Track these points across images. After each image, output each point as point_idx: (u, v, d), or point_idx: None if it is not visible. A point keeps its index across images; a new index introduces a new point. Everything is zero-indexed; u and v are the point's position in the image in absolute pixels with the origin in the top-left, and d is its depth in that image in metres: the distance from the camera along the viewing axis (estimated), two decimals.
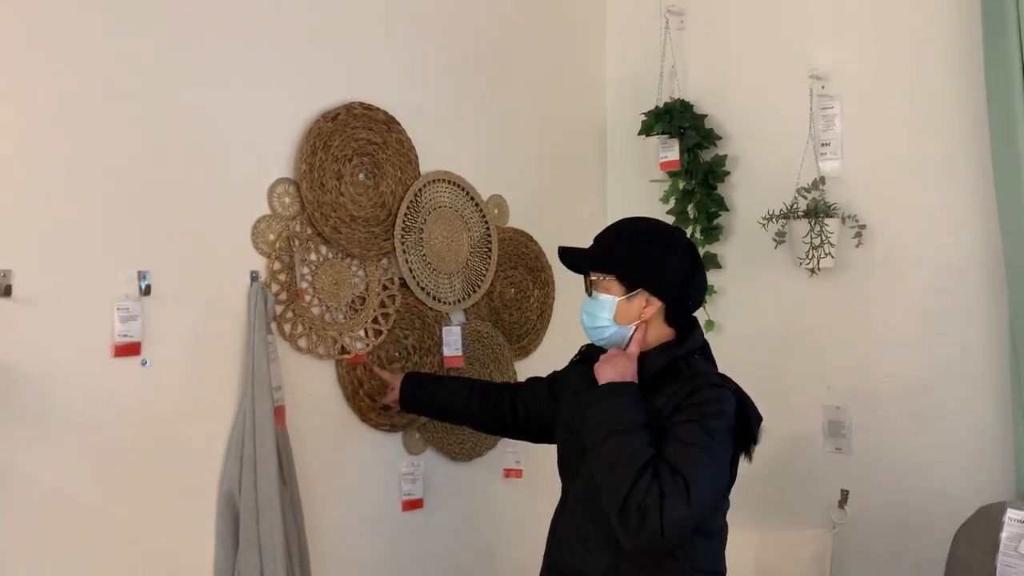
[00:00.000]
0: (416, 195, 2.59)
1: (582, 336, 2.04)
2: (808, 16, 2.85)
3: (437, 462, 2.67)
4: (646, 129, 3.03)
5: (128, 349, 2.05)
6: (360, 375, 2.48)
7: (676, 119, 2.96)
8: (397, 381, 2.44)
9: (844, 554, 2.69)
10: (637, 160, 3.13)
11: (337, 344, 2.43)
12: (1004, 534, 2.22)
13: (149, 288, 2.09)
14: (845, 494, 2.70)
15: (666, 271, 1.93)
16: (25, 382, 1.91)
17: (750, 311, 2.97)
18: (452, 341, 2.66)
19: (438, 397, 2.41)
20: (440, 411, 2.45)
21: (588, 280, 1.99)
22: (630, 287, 1.93)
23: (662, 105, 3.02)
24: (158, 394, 2.10)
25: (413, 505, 2.60)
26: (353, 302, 2.48)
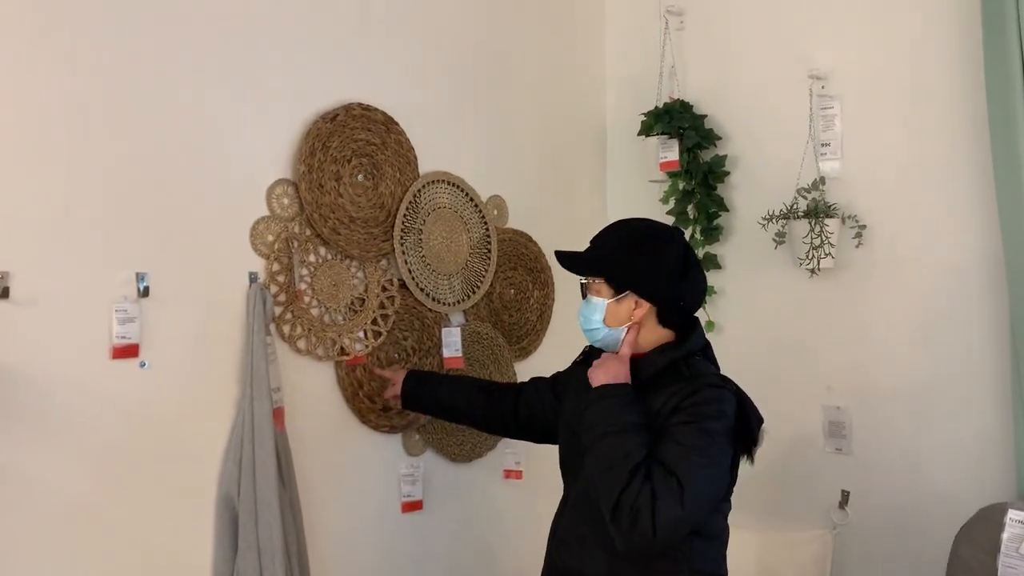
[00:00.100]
0: (415, 196, 2.58)
1: (582, 337, 2.03)
2: (808, 16, 2.85)
3: (437, 463, 2.67)
4: (646, 129, 3.02)
5: (126, 351, 2.04)
6: (359, 376, 2.48)
7: (676, 119, 2.96)
8: (399, 377, 2.43)
9: (845, 555, 2.69)
10: (637, 160, 3.12)
11: (336, 345, 2.42)
12: (1005, 535, 2.21)
13: (147, 290, 2.08)
14: (846, 495, 2.70)
15: (655, 273, 1.91)
16: (24, 383, 1.91)
17: (750, 311, 2.96)
18: (452, 342, 2.65)
19: (440, 395, 2.39)
20: (442, 409, 2.43)
21: (582, 282, 2.00)
22: (618, 289, 1.92)
23: (662, 105, 3.01)
24: (157, 395, 2.10)
25: (413, 507, 2.59)
26: (352, 303, 2.47)
